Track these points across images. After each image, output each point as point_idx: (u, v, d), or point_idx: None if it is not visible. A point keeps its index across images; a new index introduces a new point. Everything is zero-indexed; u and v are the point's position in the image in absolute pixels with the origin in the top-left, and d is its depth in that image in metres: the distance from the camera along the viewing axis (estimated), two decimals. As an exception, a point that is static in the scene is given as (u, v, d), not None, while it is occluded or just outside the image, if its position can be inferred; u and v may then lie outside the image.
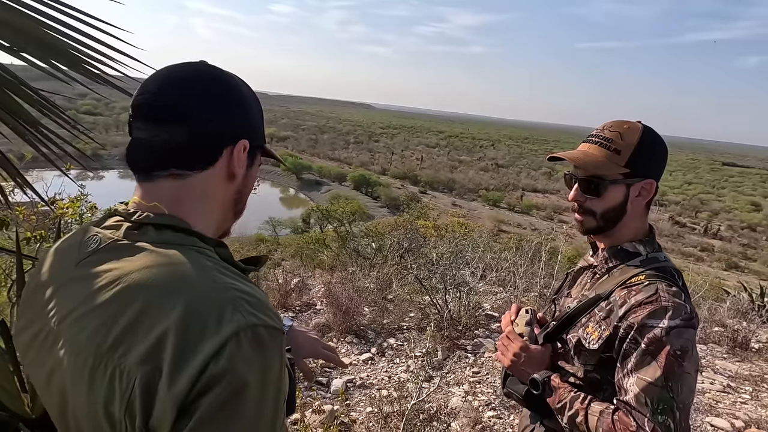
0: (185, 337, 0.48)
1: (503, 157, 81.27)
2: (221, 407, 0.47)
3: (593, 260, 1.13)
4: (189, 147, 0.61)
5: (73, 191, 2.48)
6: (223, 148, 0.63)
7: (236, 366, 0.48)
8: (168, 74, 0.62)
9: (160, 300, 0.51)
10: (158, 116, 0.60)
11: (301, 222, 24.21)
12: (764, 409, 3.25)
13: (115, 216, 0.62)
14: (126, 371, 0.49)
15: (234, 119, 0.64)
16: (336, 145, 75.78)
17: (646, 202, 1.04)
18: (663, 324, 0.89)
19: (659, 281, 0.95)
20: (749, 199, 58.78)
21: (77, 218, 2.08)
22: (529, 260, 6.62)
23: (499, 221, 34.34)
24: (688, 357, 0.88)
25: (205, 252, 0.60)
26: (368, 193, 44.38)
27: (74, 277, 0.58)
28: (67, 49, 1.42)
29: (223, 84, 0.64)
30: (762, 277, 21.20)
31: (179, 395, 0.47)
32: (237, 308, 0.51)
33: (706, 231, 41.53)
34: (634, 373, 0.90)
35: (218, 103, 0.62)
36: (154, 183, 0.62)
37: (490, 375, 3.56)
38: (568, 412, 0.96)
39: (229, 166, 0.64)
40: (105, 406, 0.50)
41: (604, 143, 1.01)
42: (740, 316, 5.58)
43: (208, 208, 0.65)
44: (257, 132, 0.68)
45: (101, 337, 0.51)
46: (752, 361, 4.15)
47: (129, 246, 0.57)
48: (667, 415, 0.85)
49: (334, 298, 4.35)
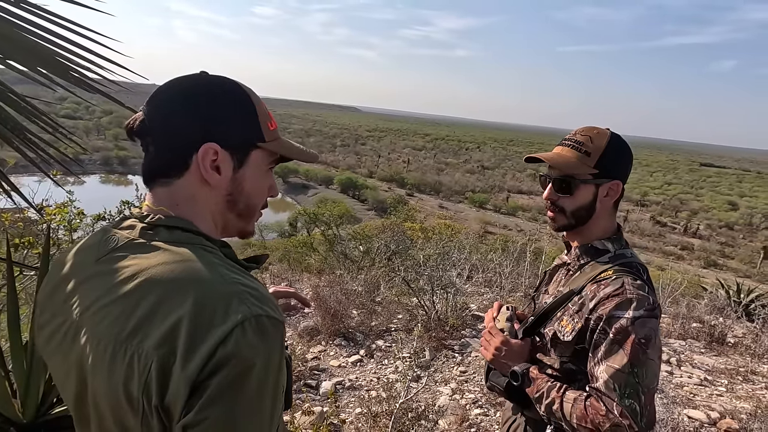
0: (197, 325, 0.54)
1: (489, 160, 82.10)
2: (229, 386, 0.53)
3: (567, 258, 1.20)
4: (160, 157, 0.66)
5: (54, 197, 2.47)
6: (191, 154, 0.65)
7: (242, 350, 0.54)
8: (156, 91, 0.67)
9: (174, 292, 0.57)
10: (141, 131, 0.66)
11: (288, 226, 24.06)
12: (738, 400, 3.38)
13: (129, 219, 0.68)
14: (143, 355, 0.55)
15: (199, 123, 0.65)
16: (323, 148, 75.56)
17: (614, 201, 1.12)
18: (628, 314, 0.96)
19: (625, 275, 1.02)
20: (726, 199, 60.48)
21: (66, 224, 2.07)
22: (514, 261, 6.72)
23: (486, 223, 34.67)
24: (652, 344, 0.95)
25: (212, 250, 0.65)
26: (355, 195, 44.38)
27: (95, 272, 0.63)
28: (54, 57, 1.43)
29: (193, 91, 0.66)
30: (739, 275, 21.85)
31: (191, 375, 0.53)
32: (243, 300, 0.57)
33: (686, 230, 42.59)
34: (603, 362, 0.97)
35: (183, 110, 0.65)
36: (153, 190, 0.68)
37: (477, 374, 3.62)
38: (545, 400, 1.02)
39: (200, 171, 0.66)
40: (124, 387, 0.55)
41: (576, 146, 1.09)
42: (717, 312, 5.77)
43: (201, 212, 0.68)
44: (236, 131, 0.68)
45: (121, 325, 0.57)
46: (728, 355, 4.30)
47: (145, 245, 0.63)
48: (634, 399, 0.92)
49: (322, 302, 4.36)
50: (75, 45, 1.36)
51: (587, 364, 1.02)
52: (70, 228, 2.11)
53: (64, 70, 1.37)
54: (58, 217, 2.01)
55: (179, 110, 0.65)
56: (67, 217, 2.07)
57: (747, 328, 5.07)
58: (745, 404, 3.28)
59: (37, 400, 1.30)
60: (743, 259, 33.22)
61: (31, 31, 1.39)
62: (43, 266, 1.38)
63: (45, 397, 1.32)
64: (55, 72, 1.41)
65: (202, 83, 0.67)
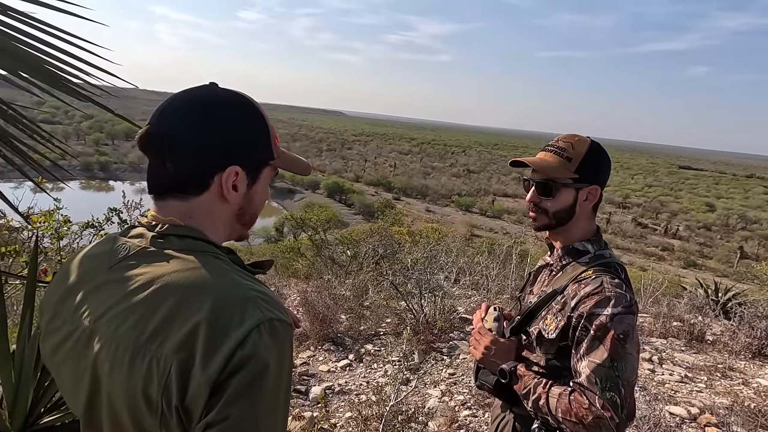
0: (215, 329, 0.57)
1: (474, 163, 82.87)
2: (249, 385, 0.56)
3: (550, 259, 1.26)
4: (181, 176, 0.67)
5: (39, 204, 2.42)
6: (213, 175, 0.68)
7: (259, 351, 0.58)
8: (170, 103, 0.68)
9: (190, 298, 0.59)
10: (155, 146, 0.67)
11: (274, 231, 23.87)
12: (717, 396, 3.49)
13: (137, 227, 0.70)
14: (163, 359, 0.57)
15: (223, 146, 0.67)
16: (309, 152, 75.29)
17: (593, 205, 1.18)
18: (607, 311, 1.01)
19: (604, 275, 1.07)
20: (704, 200, 62.15)
21: (53, 231, 2.04)
22: (501, 263, 6.81)
23: (472, 226, 34.96)
24: (630, 340, 1.00)
25: (221, 257, 0.68)
26: (342, 200, 44.31)
27: (108, 280, 0.65)
28: (43, 64, 1.43)
29: (214, 111, 0.67)
30: (717, 274, 22.47)
31: (212, 376, 0.55)
32: (257, 305, 0.60)
33: (666, 231, 43.63)
34: (585, 357, 1.02)
35: (206, 131, 0.66)
36: (165, 202, 0.69)
37: (465, 375, 3.66)
38: (532, 396, 1.07)
39: (220, 191, 0.69)
40: (143, 390, 0.58)
41: (558, 151, 1.15)
42: (696, 311, 5.93)
43: (212, 223, 0.71)
44: (255, 152, 0.71)
45: (139, 330, 0.59)
46: (707, 353, 4.43)
47: (157, 253, 0.65)
48: (614, 392, 0.97)
49: (310, 307, 4.36)
50: (63, 53, 1.36)
51: (570, 361, 1.06)
52: (58, 236, 2.08)
53: (53, 78, 1.36)
54: (45, 225, 1.98)
55: (201, 130, 0.66)
56: (54, 225, 2.04)
57: (725, 326, 5.23)
58: (724, 399, 3.39)
59: (26, 409, 1.28)
60: (721, 259, 34.16)
61: (18, 39, 1.39)
62: (30, 275, 1.36)
63: (34, 407, 1.31)
64: (42, 79, 1.41)
65: (221, 101, 0.68)
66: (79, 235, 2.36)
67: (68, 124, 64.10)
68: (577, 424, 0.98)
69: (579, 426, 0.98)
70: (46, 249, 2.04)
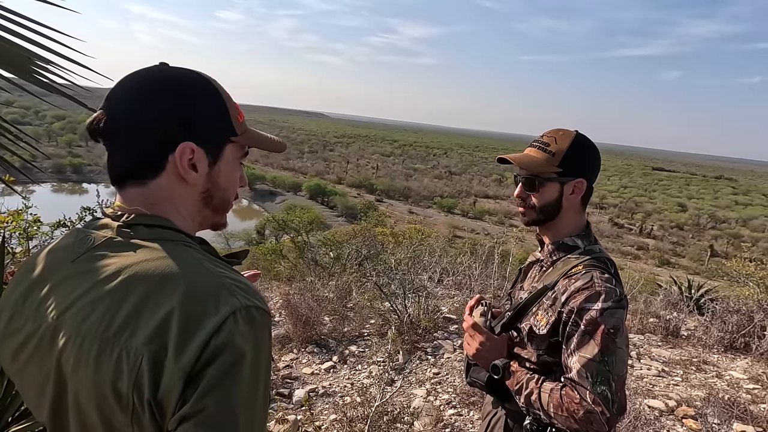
0: (188, 317, 0.54)
1: (456, 165, 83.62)
2: (224, 374, 0.54)
3: (540, 255, 1.25)
4: (134, 159, 0.64)
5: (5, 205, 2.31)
6: (167, 154, 0.64)
7: (235, 339, 0.55)
8: (117, 87, 0.64)
9: (161, 287, 0.56)
10: (106, 132, 0.63)
11: (255, 233, 23.53)
12: (693, 389, 3.59)
13: (103, 219, 0.66)
14: (133, 352, 0.54)
15: (174, 122, 0.63)
16: (290, 154, 74.63)
17: (581, 198, 1.18)
18: (597, 306, 1.01)
19: (594, 270, 1.08)
20: (676, 201, 64.26)
21: (21, 231, 1.94)
22: (483, 263, 6.88)
23: (454, 227, 35.26)
24: (620, 334, 1.01)
25: (193, 246, 0.64)
26: (324, 202, 44.03)
27: (72, 272, 0.61)
28: (10, 55, 1.36)
29: (163, 88, 0.63)
30: (690, 272, 23.26)
31: (186, 367, 0.53)
32: (232, 292, 0.57)
33: (641, 231, 44.90)
34: (576, 352, 1.01)
35: (154, 109, 0.62)
36: (125, 191, 0.66)
37: (450, 375, 3.67)
38: (524, 392, 1.06)
39: (177, 171, 0.65)
40: (113, 385, 0.54)
41: (542, 147, 1.16)
42: (672, 308, 6.11)
43: (177, 209, 0.67)
44: (213, 128, 0.67)
45: (106, 322, 0.56)
46: (682, 347, 4.57)
47: (124, 243, 0.62)
48: (605, 386, 0.97)
49: (293, 309, 4.30)
50: (34, 44, 1.29)
51: (562, 356, 1.06)
52: (27, 236, 1.98)
53: (22, 69, 1.30)
54: (13, 225, 1.88)
55: (149, 109, 0.62)
56: (22, 225, 1.94)
57: (698, 321, 5.40)
58: (699, 392, 3.49)
59: (-8, 419, 1.21)
60: (692, 257, 35.36)
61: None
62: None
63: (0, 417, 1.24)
64: (10, 70, 1.34)
65: (168, 78, 0.64)
66: (50, 236, 2.26)
67: (38, 124, 61.84)
68: (569, 418, 0.98)
69: (570, 421, 0.98)
70: (13, 250, 1.95)
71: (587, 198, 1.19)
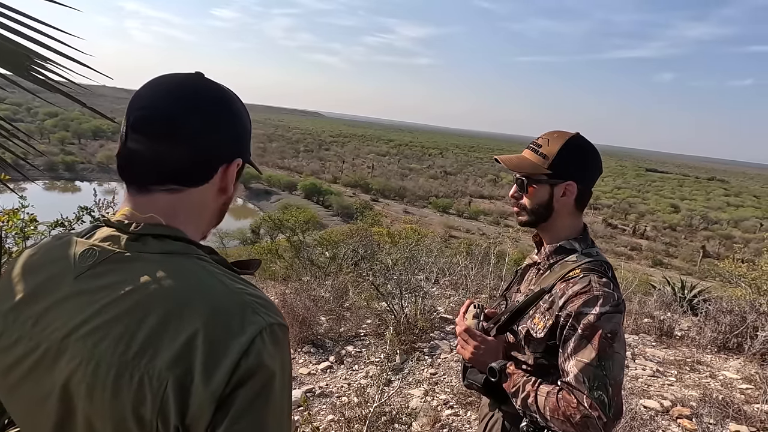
0: (214, 339, 0.53)
1: (451, 165, 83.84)
2: (256, 396, 0.53)
3: (537, 258, 1.25)
4: (187, 164, 0.62)
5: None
6: (219, 166, 0.65)
7: (264, 360, 0.54)
8: (166, 87, 0.62)
9: (180, 308, 0.54)
10: (155, 131, 0.60)
11: (250, 233, 23.44)
12: (687, 389, 3.62)
13: (104, 227, 0.62)
14: (156, 376, 0.52)
15: (230, 137, 0.65)
16: (285, 153, 74.46)
17: (575, 201, 1.16)
18: (595, 310, 1.01)
19: (592, 273, 1.07)
20: (669, 202, 64.88)
21: (18, 231, 1.91)
22: (479, 263, 6.90)
23: (450, 227, 35.33)
24: (617, 339, 1.01)
25: (206, 259, 0.62)
26: (320, 201, 43.97)
27: (76, 291, 0.58)
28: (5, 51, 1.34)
29: (220, 101, 0.64)
30: (682, 272, 23.48)
31: (216, 391, 0.51)
32: (255, 311, 0.57)
33: (635, 232, 45.25)
34: (573, 356, 1.01)
35: (216, 121, 0.63)
36: (150, 196, 0.62)
37: (447, 375, 3.68)
38: (521, 394, 1.06)
39: (222, 182, 0.66)
40: (134, 411, 0.52)
41: (535, 149, 1.17)
42: (665, 308, 6.16)
43: (199, 219, 0.67)
44: (248, 147, 0.70)
45: (123, 346, 0.53)
46: (676, 347, 4.60)
47: (134, 257, 0.58)
48: (602, 391, 0.97)
49: (289, 309, 4.29)
50: (30, 39, 1.27)
51: (558, 359, 1.06)
52: (23, 236, 1.96)
53: (18, 64, 1.28)
54: (9, 224, 1.85)
55: (215, 120, 0.62)
56: (19, 224, 1.91)
57: (692, 322, 5.45)
58: (693, 392, 3.52)
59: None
60: (685, 258, 35.70)
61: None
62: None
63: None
64: (5, 65, 1.32)
65: (216, 90, 0.65)
66: (46, 236, 2.23)
67: (31, 122, 61.25)
68: (565, 422, 0.98)
69: (567, 424, 0.98)
70: (9, 250, 1.92)
71: (583, 201, 1.18)
